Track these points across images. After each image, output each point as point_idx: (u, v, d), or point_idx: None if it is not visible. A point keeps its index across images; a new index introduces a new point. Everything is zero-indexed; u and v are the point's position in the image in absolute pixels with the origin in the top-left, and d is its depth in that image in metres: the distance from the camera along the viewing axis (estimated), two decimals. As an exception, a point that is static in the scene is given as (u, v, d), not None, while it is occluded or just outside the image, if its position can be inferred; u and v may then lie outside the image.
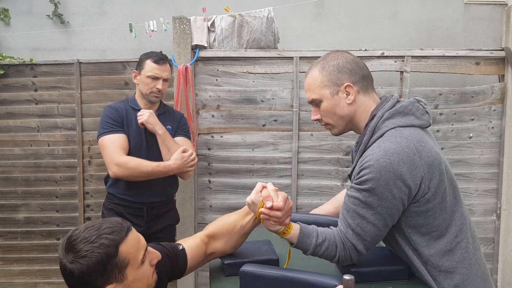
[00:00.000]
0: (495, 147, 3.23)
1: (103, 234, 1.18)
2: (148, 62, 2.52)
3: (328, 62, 1.50)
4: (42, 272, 3.41)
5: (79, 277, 1.16)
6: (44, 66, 3.26)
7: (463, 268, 1.44)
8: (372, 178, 1.36)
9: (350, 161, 3.21)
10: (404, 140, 1.38)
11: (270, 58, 3.16)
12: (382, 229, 1.43)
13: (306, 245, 1.46)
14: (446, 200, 1.41)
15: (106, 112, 2.54)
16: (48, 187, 3.34)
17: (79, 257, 1.16)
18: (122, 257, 1.19)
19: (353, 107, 1.50)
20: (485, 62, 3.18)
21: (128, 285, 1.22)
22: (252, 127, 3.22)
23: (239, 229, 1.58)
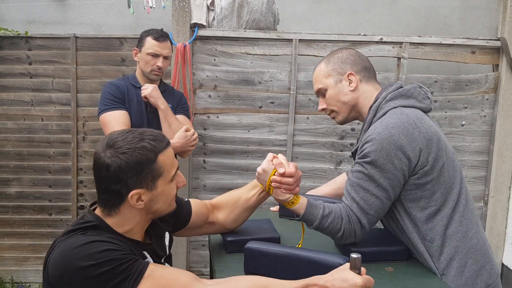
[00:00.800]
0: (486, 136, 3.30)
1: (145, 139, 1.21)
2: (149, 39, 2.50)
3: (333, 55, 1.65)
4: (33, 247, 3.40)
5: (114, 172, 1.17)
6: (40, 40, 3.20)
7: (456, 241, 1.49)
8: (374, 150, 1.44)
9: (344, 145, 3.25)
10: (404, 116, 1.47)
11: (269, 39, 3.15)
12: (385, 202, 1.48)
13: (313, 216, 1.50)
14: (444, 175, 1.48)
15: (107, 88, 2.52)
16: (41, 162, 3.32)
17: (119, 153, 1.17)
18: (159, 165, 1.21)
19: (356, 94, 1.61)
20: (480, 51, 3.22)
21: (154, 196, 1.24)
22: (248, 108, 3.23)
23: (243, 202, 1.60)
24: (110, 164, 1.17)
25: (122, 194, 1.20)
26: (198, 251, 3.38)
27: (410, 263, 1.57)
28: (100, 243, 1.14)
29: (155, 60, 2.51)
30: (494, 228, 3.30)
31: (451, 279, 1.48)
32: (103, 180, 1.20)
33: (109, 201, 1.22)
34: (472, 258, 1.50)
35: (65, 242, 1.15)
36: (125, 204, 1.22)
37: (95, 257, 1.10)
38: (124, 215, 1.24)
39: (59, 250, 1.14)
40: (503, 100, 3.21)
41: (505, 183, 3.26)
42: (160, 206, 1.27)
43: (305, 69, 3.18)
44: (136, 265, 1.14)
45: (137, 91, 2.55)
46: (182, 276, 1.18)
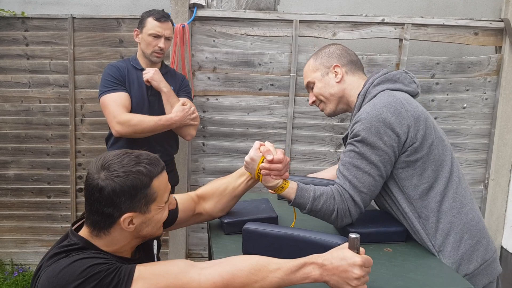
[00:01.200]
0: (488, 118, 3.27)
1: (141, 163, 1.19)
2: (150, 20, 2.47)
3: (321, 51, 1.73)
4: (32, 229, 3.40)
5: (108, 195, 1.15)
6: (36, 20, 3.15)
7: (451, 216, 1.51)
8: (363, 128, 1.48)
9: (345, 128, 3.23)
10: (391, 97, 1.53)
11: (270, 20, 3.10)
12: (377, 179, 1.50)
13: (304, 199, 1.49)
14: (433, 152, 1.52)
15: (108, 70, 2.50)
16: (39, 145, 3.30)
17: (114, 176, 1.15)
18: (153, 190, 1.20)
19: (342, 85, 1.67)
20: (483, 33, 3.18)
21: (147, 220, 1.22)
22: (248, 90, 3.20)
23: (230, 191, 1.58)
24: (104, 186, 1.15)
25: (114, 217, 1.18)
26: (197, 233, 3.38)
27: (408, 244, 1.56)
28: (84, 260, 1.13)
29: (156, 41, 2.48)
30: (494, 211, 3.29)
31: (447, 255, 1.49)
32: (95, 202, 1.18)
33: (99, 223, 1.20)
34: (468, 233, 1.52)
35: (51, 266, 1.14)
36: (116, 226, 1.20)
37: (81, 276, 1.08)
38: (114, 237, 1.22)
39: (45, 276, 1.13)
40: (505, 82, 3.17)
41: (506, 166, 3.24)
42: (150, 230, 1.26)
43: (305, 51, 3.14)
44: (123, 269, 1.13)
45: (138, 73, 2.52)
46: (173, 267, 1.17)
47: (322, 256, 1.16)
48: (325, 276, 1.14)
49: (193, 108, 2.54)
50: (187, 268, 1.16)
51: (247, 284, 1.16)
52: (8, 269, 3.38)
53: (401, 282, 1.30)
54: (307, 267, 1.16)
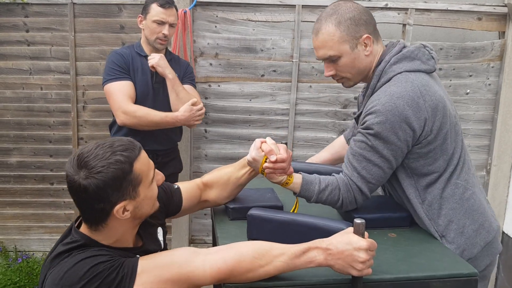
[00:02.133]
0: (491, 104, 3.26)
1: (117, 151, 1.17)
2: (154, 6, 2.44)
3: (343, 16, 1.47)
4: (35, 216, 3.41)
5: (94, 193, 1.14)
6: (36, 6, 3.12)
7: (453, 203, 1.50)
8: (378, 122, 1.40)
9: (347, 114, 3.22)
10: (409, 84, 1.41)
11: (272, 5, 3.07)
12: (387, 171, 1.48)
13: (309, 192, 1.50)
14: (447, 142, 1.47)
15: (112, 57, 2.48)
16: (41, 132, 3.29)
17: (94, 173, 1.13)
18: (136, 174, 1.19)
19: (370, 58, 1.52)
20: (487, 18, 3.15)
21: (139, 203, 1.22)
22: (250, 77, 3.18)
23: (234, 181, 1.60)
24: (87, 185, 1.13)
25: (106, 210, 1.18)
26: (200, 219, 3.40)
27: (412, 229, 1.57)
28: (86, 260, 1.14)
29: (160, 27, 2.45)
30: (496, 197, 3.30)
31: (451, 240, 1.50)
32: (83, 201, 1.18)
33: (94, 219, 1.20)
34: (470, 219, 1.51)
35: (56, 268, 1.15)
36: (111, 217, 1.20)
37: (84, 277, 1.10)
38: (112, 227, 1.22)
39: (51, 278, 1.14)
40: (509, 68, 3.15)
41: (508, 152, 3.24)
42: (145, 210, 1.26)
43: (308, 36, 3.11)
44: (126, 264, 1.14)
45: (142, 60, 2.51)
46: (177, 257, 1.18)
47: (326, 241, 1.17)
48: (329, 261, 1.15)
49: (202, 111, 2.51)
50: (191, 257, 1.17)
51: (252, 269, 1.17)
52: (12, 255, 3.40)
53: (405, 266, 1.31)
54: (312, 251, 1.16)
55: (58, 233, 3.43)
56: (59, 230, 3.42)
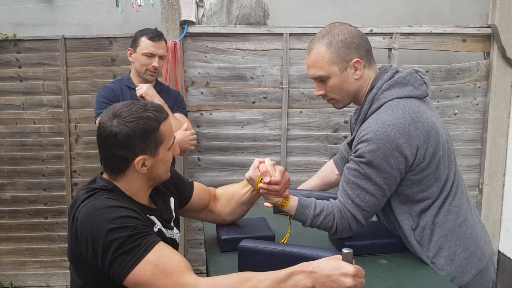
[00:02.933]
0: (479, 124, 3.30)
1: (149, 110, 1.32)
2: (144, 39, 2.48)
3: (335, 38, 1.48)
4: (30, 251, 3.39)
5: (122, 139, 1.27)
6: (28, 42, 3.18)
7: (445, 229, 1.49)
8: (370, 150, 1.40)
9: (338, 138, 3.25)
10: (400, 111, 1.41)
11: (260, 34, 3.14)
12: (381, 199, 1.48)
13: (304, 216, 1.52)
14: (440, 168, 1.46)
15: (101, 92, 2.51)
16: (34, 166, 3.30)
17: (126, 122, 1.28)
18: (161, 133, 1.33)
19: (360, 82, 1.52)
20: (471, 39, 3.22)
21: (156, 162, 1.35)
22: (241, 104, 3.22)
23: (237, 198, 1.67)
24: (118, 132, 1.27)
25: (128, 160, 1.30)
26: (195, 249, 3.38)
27: (403, 255, 1.57)
28: (121, 209, 1.24)
29: (150, 60, 2.49)
30: (490, 216, 3.31)
31: (440, 268, 1.48)
32: (110, 147, 1.30)
33: (116, 167, 1.33)
34: (461, 246, 1.49)
35: (91, 202, 1.25)
36: (130, 169, 1.32)
37: (118, 221, 1.20)
38: (129, 178, 1.34)
39: (86, 209, 1.24)
40: (495, 87, 3.21)
41: (499, 170, 3.27)
42: (159, 172, 1.38)
43: (296, 63, 3.17)
44: (148, 238, 1.22)
45: (131, 92, 2.53)
46: (182, 263, 1.23)
47: (313, 264, 1.16)
48: (315, 284, 1.15)
49: (194, 136, 2.54)
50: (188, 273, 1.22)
51: None
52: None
53: (397, 294, 1.31)
54: (296, 276, 1.16)
55: (53, 267, 3.40)
56: (54, 264, 3.40)
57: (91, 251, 1.21)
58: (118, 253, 1.19)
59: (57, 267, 3.40)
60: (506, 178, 3.27)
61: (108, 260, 1.19)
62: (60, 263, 3.39)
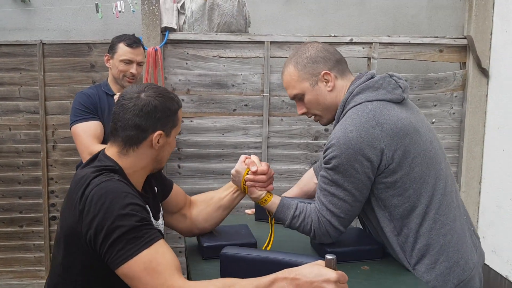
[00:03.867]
0: (456, 132, 3.37)
1: (171, 93, 1.41)
2: (121, 45, 2.45)
3: (301, 56, 1.54)
4: (4, 260, 3.30)
5: (150, 110, 1.32)
6: (5, 47, 3.12)
7: (429, 238, 1.46)
8: (334, 156, 1.43)
9: (319, 146, 3.27)
10: (364, 115, 1.42)
11: (241, 42, 3.14)
12: (353, 204, 1.47)
13: (284, 215, 1.54)
14: (414, 170, 1.43)
15: (78, 98, 2.45)
16: (10, 173, 3.22)
17: (156, 95, 1.34)
18: (177, 117, 1.40)
19: (334, 93, 1.54)
20: (448, 50, 3.29)
21: (167, 142, 1.40)
22: (222, 111, 3.21)
23: (215, 201, 1.66)
24: (148, 102, 1.32)
25: (148, 132, 1.34)
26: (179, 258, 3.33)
27: (385, 261, 1.58)
28: (133, 196, 1.25)
29: (128, 66, 2.46)
30: (467, 223, 3.36)
31: (420, 275, 1.47)
32: (134, 117, 1.32)
33: (132, 138, 1.34)
34: (444, 255, 1.47)
35: (104, 183, 1.25)
36: (145, 143, 1.35)
37: (128, 208, 1.21)
38: (139, 154, 1.36)
39: (98, 189, 1.23)
40: (471, 97, 3.28)
41: (476, 178, 3.34)
42: (164, 154, 1.42)
43: (277, 71, 3.19)
44: (151, 232, 1.23)
45: (109, 99, 2.49)
46: (174, 264, 1.24)
47: (294, 270, 1.15)
48: None
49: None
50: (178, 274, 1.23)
51: None
52: (-21, 303, 3.26)
53: (379, 300, 1.31)
54: (279, 282, 1.15)
55: (28, 277, 3.31)
56: (29, 274, 3.31)
57: (93, 230, 1.21)
58: (120, 240, 1.19)
59: (32, 277, 3.31)
60: (482, 186, 3.34)
61: (107, 245, 1.19)
62: (35, 273, 3.31)
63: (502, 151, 3.13)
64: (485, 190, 3.32)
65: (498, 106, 3.19)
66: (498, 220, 3.16)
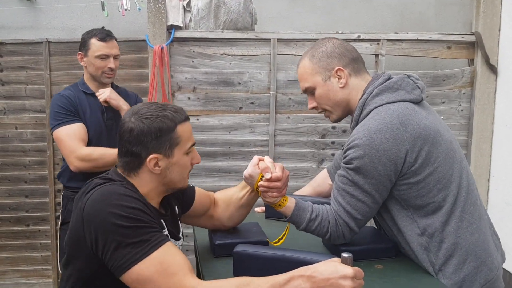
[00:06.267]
0: (464, 129, 3.35)
1: (167, 110, 1.32)
2: (94, 41, 2.30)
3: (317, 50, 1.54)
4: (11, 260, 3.30)
5: (137, 135, 1.29)
6: (11, 45, 3.11)
7: (457, 237, 1.44)
8: (356, 157, 1.40)
9: (326, 144, 3.25)
10: (388, 116, 1.40)
11: (248, 39, 3.13)
12: (371, 206, 1.45)
13: (300, 219, 1.49)
14: (438, 170, 1.41)
15: (56, 101, 2.31)
16: (16, 172, 3.22)
17: (143, 118, 1.29)
18: (177, 135, 1.31)
19: (346, 90, 1.53)
20: (456, 46, 3.27)
21: (170, 164, 1.33)
22: (228, 109, 3.20)
23: (235, 201, 1.64)
24: (134, 128, 1.29)
25: (141, 157, 1.30)
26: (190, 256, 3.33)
27: (399, 260, 1.56)
28: (135, 200, 1.23)
29: (105, 62, 2.32)
30: (475, 220, 3.34)
31: (448, 276, 1.44)
32: (125, 143, 1.31)
33: (129, 164, 1.32)
34: (473, 255, 1.44)
35: (107, 186, 1.25)
36: (144, 168, 1.32)
37: (126, 211, 1.19)
38: (143, 178, 1.33)
39: (100, 191, 1.23)
40: (479, 94, 3.26)
41: (484, 175, 3.31)
42: (174, 176, 1.35)
43: (284, 69, 3.17)
44: (158, 235, 1.21)
45: (89, 98, 2.36)
46: (186, 265, 1.22)
47: (311, 268, 1.15)
48: None
49: None
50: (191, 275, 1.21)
51: None
52: (-14, 302, 3.26)
53: (394, 298, 1.30)
54: (296, 280, 1.14)
55: (34, 276, 3.31)
56: (36, 273, 3.31)
57: (93, 235, 1.18)
58: (125, 244, 1.17)
59: (38, 276, 3.31)
60: (490, 183, 3.31)
61: (112, 249, 1.17)
62: (42, 272, 3.30)
63: (511, 148, 3.11)
64: (493, 187, 3.29)
65: (507, 103, 3.16)
66: (507, 217, 3.14)
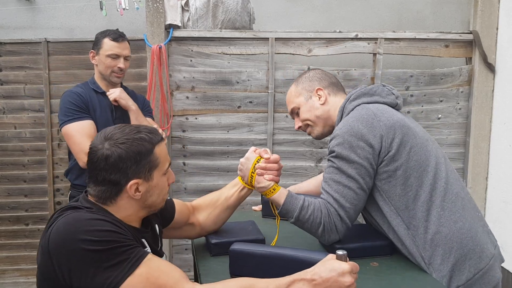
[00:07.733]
0: (462, 128, 3.35)
1: (142, 131, 1.25)
2: (106, 40, 2.37)
3: (301, 77, 1.78)
4: (10, 259, 3.31)
5: (114, 162, 1.19)
6: (9, 45, 3.12)
7: (439, 226, 1.49)
8: (337, 144, 1.52)
9: (324, 143, 3.26)
10: (364, 110, 1.57)
11: (246, 38, 3.13)
12: (358, 192, 1.49)
13: (292, 206, 1.51)
14: (413, 159, 1.51)
15: (67, 97, 2.35)
16: (15, 171, 3.23)
17: (119, 143, 1.20)
18: (155, 156, 1.26)
19: (326, 106, 1.71)
20: (453, 45, 3.27)
21: (150, 187, 1.27)
22: (227, 108, 3.21)
23: (223, 201, 1.63)
24: (110, 154, 1.19)
25: (121, 184, 1.22)
26: (181, 255, 3.34)
27: (394, 258, 1.57)
28: (105, 222, 1.15)
29: (115, 61, 2.38)
30: (473, 219, 3.35)
31: (437, 267, 1.46)
32: (100, 172, 1.21)
33: (105, 193, 1.23)
34: (458, 242, 1.48)
35: (71, 214, 1.16)
36: (123, 195, 1.24)
37: (96, 235, 1.11)
38: (121, 205, 1.25)
39: (64, 220, 1.14)
40: (477, 92, 3.26)
41: (482, 174, 3.32)
42: (155, 199, 1.30)
43: (282, 68, 3.17)
44: (136, 251, 1.15)
45: (99, 97, 2.41)
46: (175, 272, 1.19)
47: (310, 271, 1.17)
48: None
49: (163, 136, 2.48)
50: (185, 280, 1.18)
51: None
52: (-14, 301, 3.27)
53: (389, 296, 1.31)
54: (297, 284, 1.16)
55: (34, 275, 3.32)
56: (35, 272, 3.30)
57: (65, 267, 1.10)
58: (102, 268, 1.09)
59: (38, 275, 3.31)
60: (488, 182, 3.32)
61: (89, 278, 1.09)
62: (41, 271, 3.31)
63: (509, 146, 3.11)
64: (491, 185, 3.30)
65: (505, 101, 3.17)
66: (505, 216, 3.14)
